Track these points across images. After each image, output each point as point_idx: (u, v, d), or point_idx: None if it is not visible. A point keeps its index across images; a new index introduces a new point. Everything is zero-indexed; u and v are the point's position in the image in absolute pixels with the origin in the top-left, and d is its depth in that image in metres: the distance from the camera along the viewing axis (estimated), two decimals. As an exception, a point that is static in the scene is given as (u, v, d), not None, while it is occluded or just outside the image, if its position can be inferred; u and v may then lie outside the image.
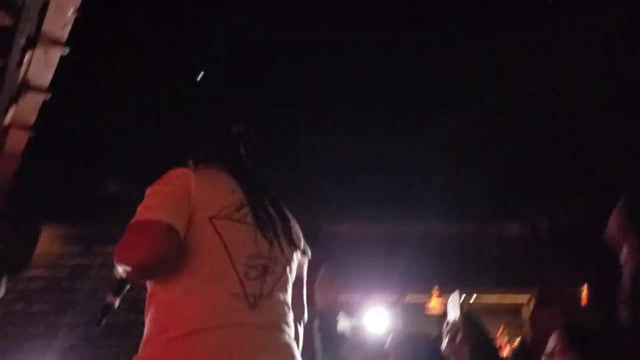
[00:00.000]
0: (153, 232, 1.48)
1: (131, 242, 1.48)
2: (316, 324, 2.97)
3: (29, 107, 3.41)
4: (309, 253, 1.81)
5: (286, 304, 1.62)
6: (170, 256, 1.50)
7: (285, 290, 1.64)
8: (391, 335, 2.78)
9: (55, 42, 2.76)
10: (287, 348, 1.55)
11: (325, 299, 2.88)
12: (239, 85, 5.47)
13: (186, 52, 5.24)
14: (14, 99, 3.33)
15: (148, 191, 1.59)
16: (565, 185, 6.81)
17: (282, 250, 1.64)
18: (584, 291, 6.57)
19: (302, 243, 1.78)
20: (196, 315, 1.47)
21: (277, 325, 1.56)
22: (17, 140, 3.76)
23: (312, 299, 2.68)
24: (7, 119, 3.53)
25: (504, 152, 6.33)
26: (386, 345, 2.71)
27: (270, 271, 1.58)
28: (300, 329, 1.71)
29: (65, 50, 2.80)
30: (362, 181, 6.82)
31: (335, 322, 2.94)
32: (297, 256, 1.72)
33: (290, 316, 1.63)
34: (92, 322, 2.56)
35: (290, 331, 1.60)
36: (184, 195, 1.55)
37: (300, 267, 1.77)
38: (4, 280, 2.03)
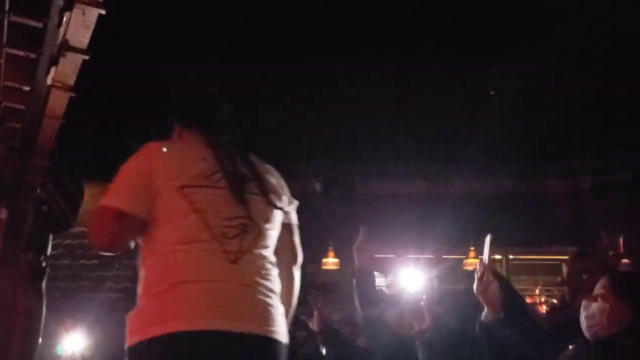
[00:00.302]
0: (103, 218, 1.69)
1: (90, 228, 1.71)
2: (354, 282, 3.09)
3: (69, 67, 3.45)
4: (292, 199, 1.95)
5: (267, 258, 1.75)
6: (124, 235, 1.71)
7: (267, 245, 1.77)
8: (426, 291, 2.81)
9: (92, 2, 2.77)
10: (263, 304, 1.66)
11: (363, 260, 2.95)
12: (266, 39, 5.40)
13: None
14: (54, 60, 3.38)
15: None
16: (608, 141, 6.63)
17: (260, 208, 1.76)
18: (620, 241, 6.44)
19: (284, 195, 1.90)
20: (178, 271, 1.62)
21: (257, 281, 1.68)
22: (59, 101, 3.82)
23: (352, 259, 2.81)
24: (49, 80, 3.59)
25: (545, 107, 6.17)
26: (422, 302, 2.73)
27: (250, 229, 1.70)
28: (296, 272, 1.90)
29: (103, 10, 2.81)
30: (398, 140, 6.75)
31: (372, 282, 3.02)
32: (279, 208, 1.84)
33: (272, 270, 1.75)
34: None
35: (272, 285, 1.71)
36: (141, 176, 1.71)
37: (288, 215, 1.91)
38: (50, 237, 2.11)
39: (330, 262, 7.19)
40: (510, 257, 7.76)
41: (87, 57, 3.22)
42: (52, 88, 3.65)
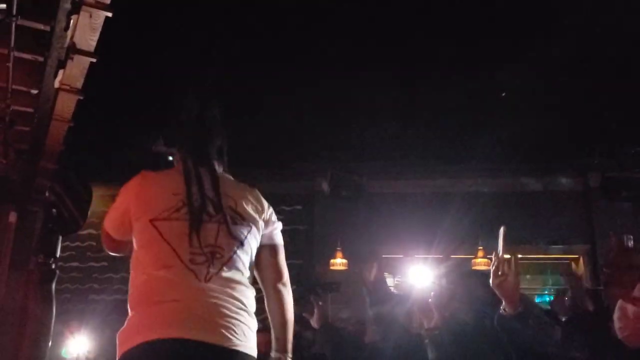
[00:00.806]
0: (103, 235, 2.17)
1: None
2: (364, 291, 3.32)
3: (77, 70, 3.46)
4: (274, 220, 2.12)
5: (237, 280, 1.93)
6: (116, 248, 2.16)
7: (237, 268, 1.94)
8: (435, 289, 2.80)
9: (99, 5, 2.78)
10: (227, 318, 1.85)
11: (371, 283, 3.25)
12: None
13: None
14: (62, 63, 3.39)
15: None
16: (618, 139, 6.58)
17: (226, 237, 1.94)
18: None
19: (259, 220, 2.05)
20: (149, 294, 1.88)
21: (223, 299, 1.87)
22: (67, 104, 3.83)
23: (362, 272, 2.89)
24: (57, 83, 3.60)
25: (553, 105, 6.13)
26: (430, 300, 2.72)
27: (218, 255, 1.90)
28: (282, 288, 2.07)
29: (110, 13, 2.82)
30: (406, 140, 6.72)
31: (382, 291, 3.07)
32: (254, 232, 2.02)
33: (243, 290, 1.93)
34: None
35: (240, 303, 1.90)
36: (123, 208, 2.05)
37: (268, 236, 2.10)
38: (60, 239, 2.14)
39: (339, 262, 7.18)
40: (519, 256, 7.73)
41: (94, 60, 3.23)
42: (60, 91, 3.66)
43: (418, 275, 6.61)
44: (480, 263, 6.92)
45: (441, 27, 5.51)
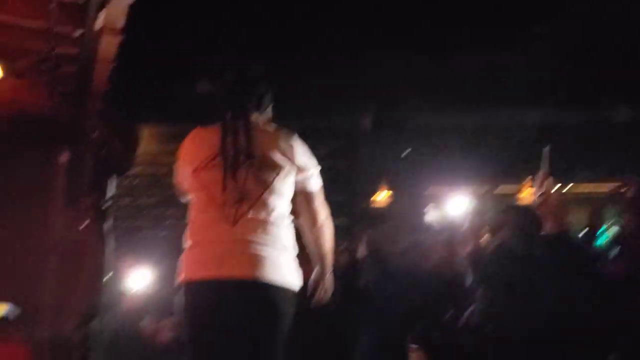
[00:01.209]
0: (175, 187, 2.43)
1: None
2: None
3: (117, 10, 3.48)
4: (309, 167, 2.31)
5: (265, 221, 2.16)
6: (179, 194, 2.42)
7: (265, 209, 2.17)
8: (471, 219, 2.80)
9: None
10: (252, 255, 2.11)
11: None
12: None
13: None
14: (103, 4, 3.41)
15: None
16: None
17: (257, 180, 2.17)
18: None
19: (290, 164, 2.23)
20: (192, 234, 2.21)
21: (248, 239, 2.12)
22: (109, 44, 3.87)
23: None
24: (98, 24, 3.63)
25: (609, 29, 5.82)
26: (465, 228, 2.73)
27: (247, 198, 2.15)
28: (318, 232, 2.34)
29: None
30: (448, 67, 6.55)
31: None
32: (283, 176, 2.22)
33: (271, 230, 2.15)
34: None
35: (267, 240, 2.13)
36: (179, 162, 2.36)
37: (301, 183, 2.31)
38: (111, 178, 2.22)
39: (382, 197, 7.20)
40: (571, 189, 7.58)
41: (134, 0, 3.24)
42: (102, 32, 3.70)
43: (459, 207, 6.62)
44: (526, 197, 6.83)
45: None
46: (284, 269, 2.15)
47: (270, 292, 2.10)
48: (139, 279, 4.40)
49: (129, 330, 4.38)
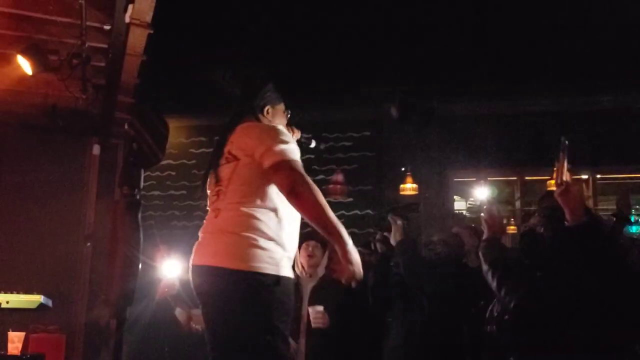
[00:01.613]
0: None
1: None
2: None
3: (145, 4, 3.53)
4: (264, 149, 2.26)
5: (237, 209, 2.26)
6: None
7: (233, 200, 2.28)
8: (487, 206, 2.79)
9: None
10: (215, 243, 2.27)
11: None
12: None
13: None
14: (131, -2, 3.46)
15: None
16: None
17: (225, 174, 2.34)
18: None
19: (249, 153, 2.28)
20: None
21: (222, 228, 2.27)
22: (138, 38, 3.93)
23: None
24: (127, 18, 3.69)
25: (631, 17, 5.68)
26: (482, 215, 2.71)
27: (222, 191, 2.33)
28: (293, 199, 2.21)
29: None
30: (475, 60, 6.48)
31: None
32: (244, 165, 2.29)
33: (241, 217, 2.24)
34: None
35: (236, 228, 2.23)
36: None
37: (259, 164, 2.26)
38: (142, 171, 2.24)
39: (409, 187, 7.18)
40: (598, 176, 7.46)
41: (162, -7, 3.28)
42: (131, 26, 3.76)
43: (485, 196, 6.56)
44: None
45: None
46: (232, 250, 2.20)
47: (203, 275, 2.24)
48: (171, 269, 4.46)
49: (162, 318, 4.46)
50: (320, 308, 3.61)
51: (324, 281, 3.76)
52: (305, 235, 3.91)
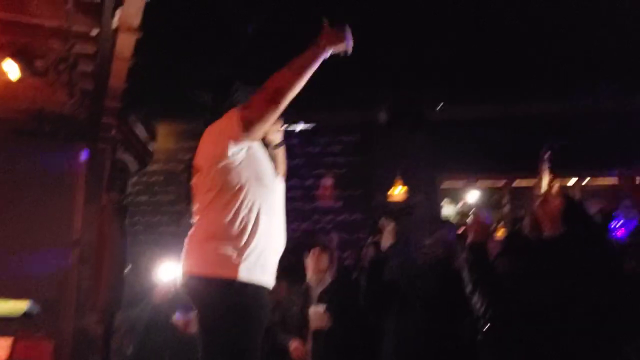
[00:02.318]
0: None
1: None
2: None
3: (133, 9, 3.52)
4: (208, 163, 2.34)
5: (200, 220, 2.34)
6: None
7: (202, 208, 2.33)
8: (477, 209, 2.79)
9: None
10: (187, 252, 2.33)
11: None
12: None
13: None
14: (119, 2, 3.44)
15: None
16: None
17: (194, 187, 2.41)
18: None
19: (209, 158, 2.33)
20: None
21: (192, 237, 2.34)
22: (126, 43, 3.92)
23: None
24: (115, 22, 3.67)
25: (631, 17, 5.70)
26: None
27: (195, 203, 2.38)
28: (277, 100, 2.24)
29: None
30: (465, 65, 6.50)
31: None
32: (209, 172, 2.32)
33: (203, 228, 2.30)
34: None
35: (200, 237, 2.30)
36: None
37: (217, 170, 2.31)
38: (129, 176, 2.26)
39: (398, 191, 7.19)
40: (586, 180, 7.51)
41: (149, -2, 3.27)
42: (119, 30, 3.74)
43: (475, 201, 6.58)
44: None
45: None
46: (197, 254, 2.28)
47: (185, 282, 2.29)
48: (167, 273, 4.45)
49: (161, 323, 4.44)
50: (321, 308, 3.62)
51: (332, 285, 3.79)
52: (310, 243, 3.97)
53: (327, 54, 2.22)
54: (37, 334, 4.70)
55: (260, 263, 2.24)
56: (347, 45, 2.25)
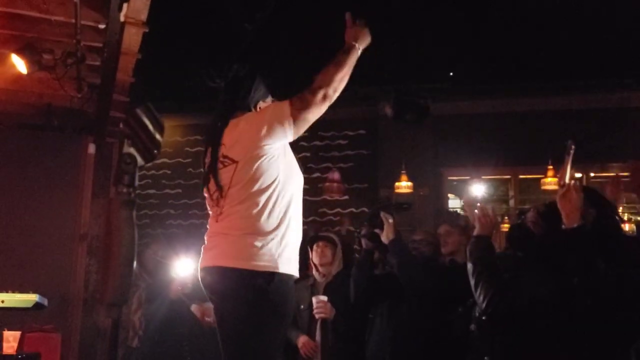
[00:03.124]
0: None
1: None
2: None
3: (140, 3, 3.52)
4: (249, 155, 2.29)
5: (238, 212, 2.29)
6: None
7: (236, 203, 2.29)
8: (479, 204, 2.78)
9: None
10: (218, 245, 2.33)
11: None
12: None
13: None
14: (126, -3, 3.45)
15: None
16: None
17: (222, 179, 2.33)
18: None
19: (250, 148, 2.28)
20: None
21: (222, 231, 2.32)
22: (133, 37, 3.92)
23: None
24: (122, 16, 3.68)
25: (621, 12, 5.67)
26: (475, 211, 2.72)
27: (223, 197, 2.33)
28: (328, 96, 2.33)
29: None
30: (469, 59, 6.49)
31: None
32: (245, 164, 2.28)
33: (239, 223, 2.27)
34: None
35: (233, 230, 2.28)
36: None
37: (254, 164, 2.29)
38: (137, 169, 2.25)
39: (404, 185, 7.20)
40: (592, 174, 7.50)
41: (156, -8, 3.27)
42: (126, 24, 3.75)
43: (479, 194, 6.57)
44: (550, 182, 6.77)
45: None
46: (238, 250, 2.25)
47: (212, 275, 2.30)
48: (184, 267, 4.47)
49: (178, 316, 4.46)
50: (324, 298, 3.65)
51: (336, 278, 3.81)
52: (314, 237, 3.98)
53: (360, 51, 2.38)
54: (46, 327, 4.74)
55: (294, 257, 2.32)
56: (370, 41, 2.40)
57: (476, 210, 2.68)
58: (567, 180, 2.35)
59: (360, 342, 3.67)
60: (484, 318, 2.51)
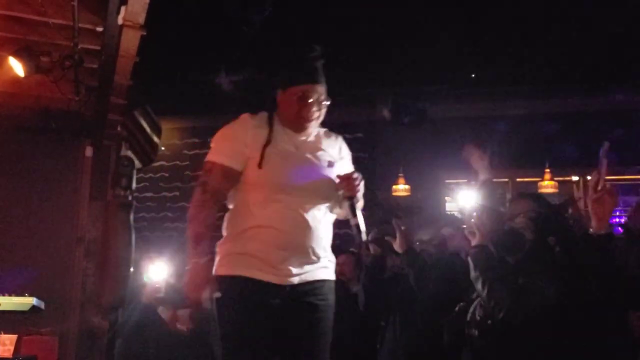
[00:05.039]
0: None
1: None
2: None
3: (138, 6, 3.53)
4: None
5: None
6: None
7: None
8: (477, 209, 2.74)
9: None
10: None
11: None
12: None
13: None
14: (124, 0, 3.45)
15: None
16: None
17: None
18: None
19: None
20: None
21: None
22: (131, 40, 3.92)
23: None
24: (120, 19, 3.69)
25: (611, 16, 5.68)
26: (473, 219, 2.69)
27: None
28: None
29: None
30: (467, 63, 6.50)
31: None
32: None
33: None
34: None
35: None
36: None
37: None
38: (134, 172, 2.24)
39: (401, 188, 7.20)
40: (588, 177, 7.51)
41: (154, -5, 3.28)
42: (124, 27, 3.75)
43: (470, 199, 6.55)
44: (547, 186, 6.78)
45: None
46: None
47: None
48: (158, 272, 4.48)
49: (149, 320, 4.47)
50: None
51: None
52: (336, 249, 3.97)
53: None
54: (42, 330, 4.73)
55: (247, 254, 2.32)
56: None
57: (473, 220, 2.64)
58: (600, 185, 2.28)
59: (367, 350, 3.63)
60: (489, 322, 2.47)
